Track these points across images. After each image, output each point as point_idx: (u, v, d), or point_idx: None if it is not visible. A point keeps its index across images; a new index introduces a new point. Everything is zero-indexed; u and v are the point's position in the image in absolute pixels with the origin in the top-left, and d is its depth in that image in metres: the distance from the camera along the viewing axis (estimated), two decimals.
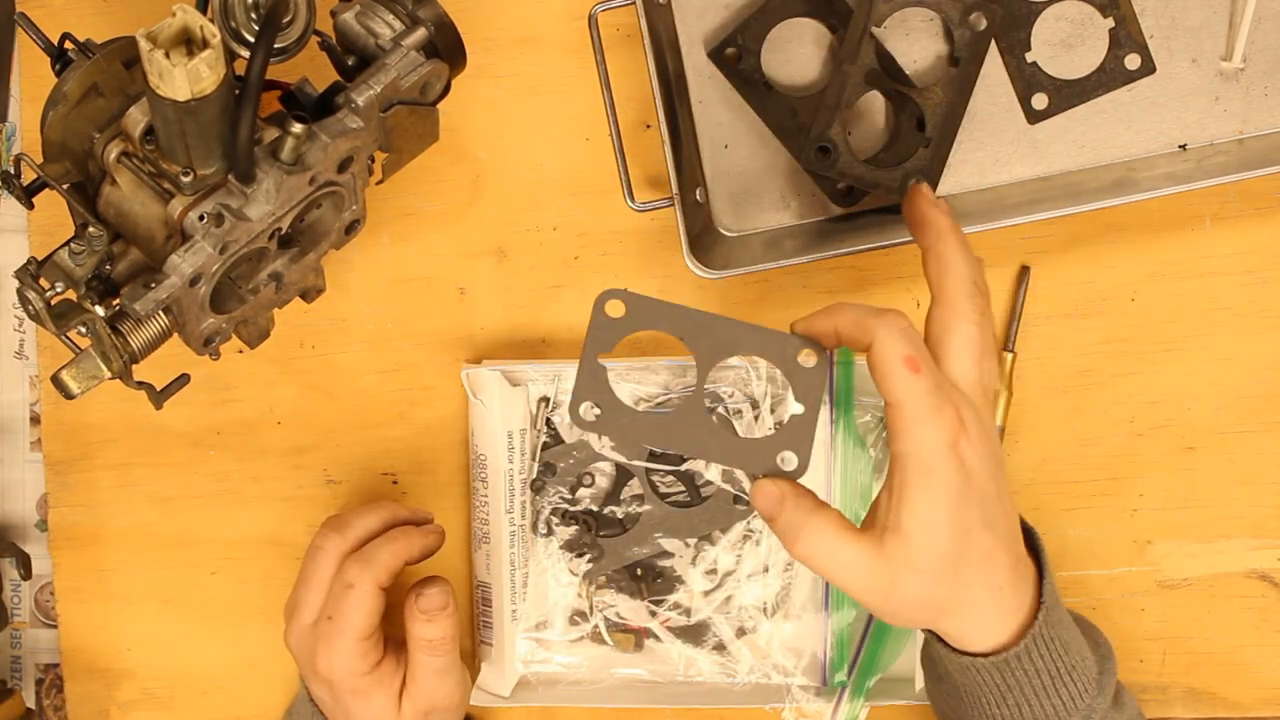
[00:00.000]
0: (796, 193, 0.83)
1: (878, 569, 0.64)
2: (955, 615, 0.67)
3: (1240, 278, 0.84)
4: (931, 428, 0.63)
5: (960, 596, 0.66)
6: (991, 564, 0.66)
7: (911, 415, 0.63)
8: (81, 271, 0.69)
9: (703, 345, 0.66)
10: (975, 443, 0.64)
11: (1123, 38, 0.81)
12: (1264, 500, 0.85)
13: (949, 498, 0.63)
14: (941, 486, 0.63)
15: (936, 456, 0.63)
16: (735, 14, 0.82)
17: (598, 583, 0.84)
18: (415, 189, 0.84)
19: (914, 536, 0.63)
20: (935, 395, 0.63)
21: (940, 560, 0.64)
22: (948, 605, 0.66)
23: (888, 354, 0.63)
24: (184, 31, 0.61)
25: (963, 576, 0.65)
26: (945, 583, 0.65)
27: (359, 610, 0.74)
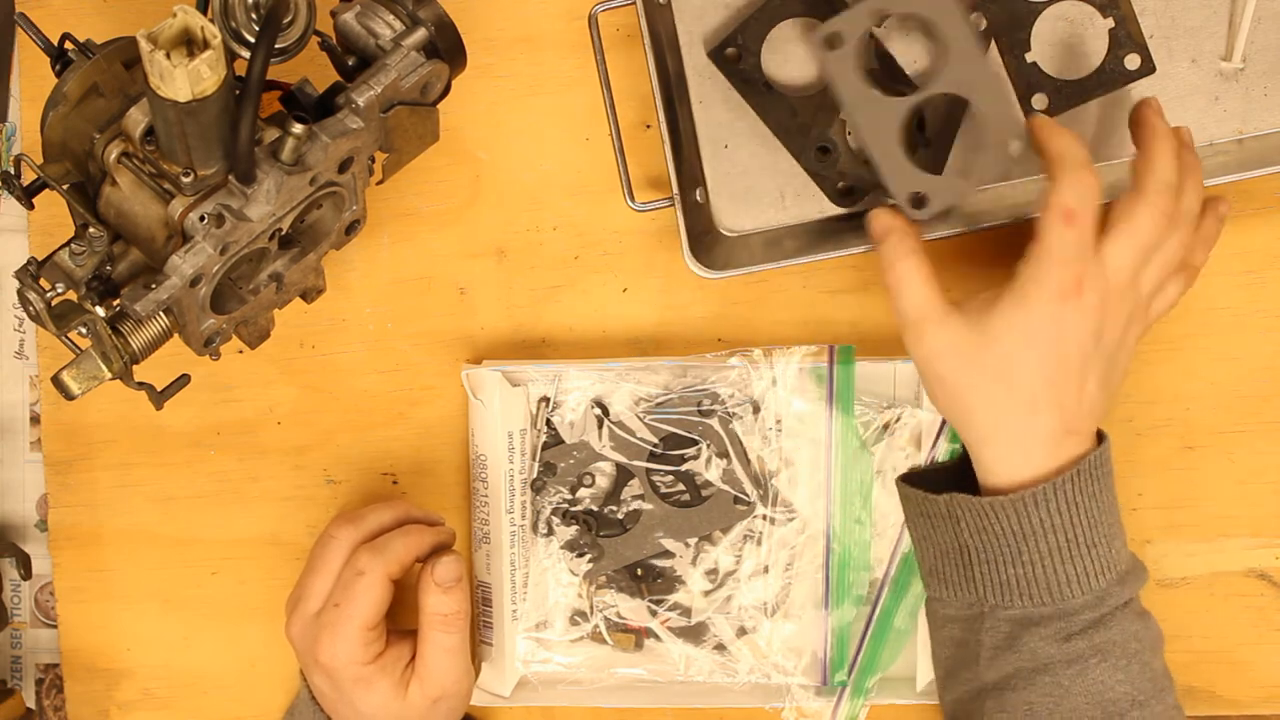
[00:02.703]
0: (796, 193, 0.83)
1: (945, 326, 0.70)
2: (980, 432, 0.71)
3: (1240, 278, 0.84)
4: (1047, 272, 0.69)
5: (990, 417, 0.70)
6: (1034, 410, 0.70)
7: (1038, 253, 0.69)
8: (82, 272, 0.69)
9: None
10: (1083, 313, 0.69)
11: (1123, 38, 0.81)
12: (1263, 499, 0.85)
13: (1023, 333, 0.69)
14: (1023, 320, 0.69)
15: (1035, 295, 0.69)
16: (735, 14, 0.82)
17: (598, 583, 0.84)
18: (415, 189, 0.84)
19: (976, 339, 0.70)
20: (1069, 251, 0.69)
21: (990, 369, 0.69)
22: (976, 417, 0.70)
23: (1052, 197, 0.69)
24: (184, 32, 0.61)
25: (1000, 400, 0.70)
26: (983, 389, 0.70)
27: (367, 597, 0.74)
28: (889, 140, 0.72)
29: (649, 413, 0.83)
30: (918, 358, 0.72)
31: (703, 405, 0.82)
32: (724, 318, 0.84)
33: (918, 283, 0.72)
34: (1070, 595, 0.71)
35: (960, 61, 0.73)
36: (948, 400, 0.72)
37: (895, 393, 0.83)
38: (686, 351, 0.84)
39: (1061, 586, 0.71)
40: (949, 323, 0.71)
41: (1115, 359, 0.72)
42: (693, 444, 0.82)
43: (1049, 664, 0.71)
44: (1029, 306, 0.69)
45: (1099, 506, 0.72)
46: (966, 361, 0.70)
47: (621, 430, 0.83)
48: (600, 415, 0.83)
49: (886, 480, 0.82)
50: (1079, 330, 0.69)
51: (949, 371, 0.71)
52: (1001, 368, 0.70)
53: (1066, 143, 0.71)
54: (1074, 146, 0.71)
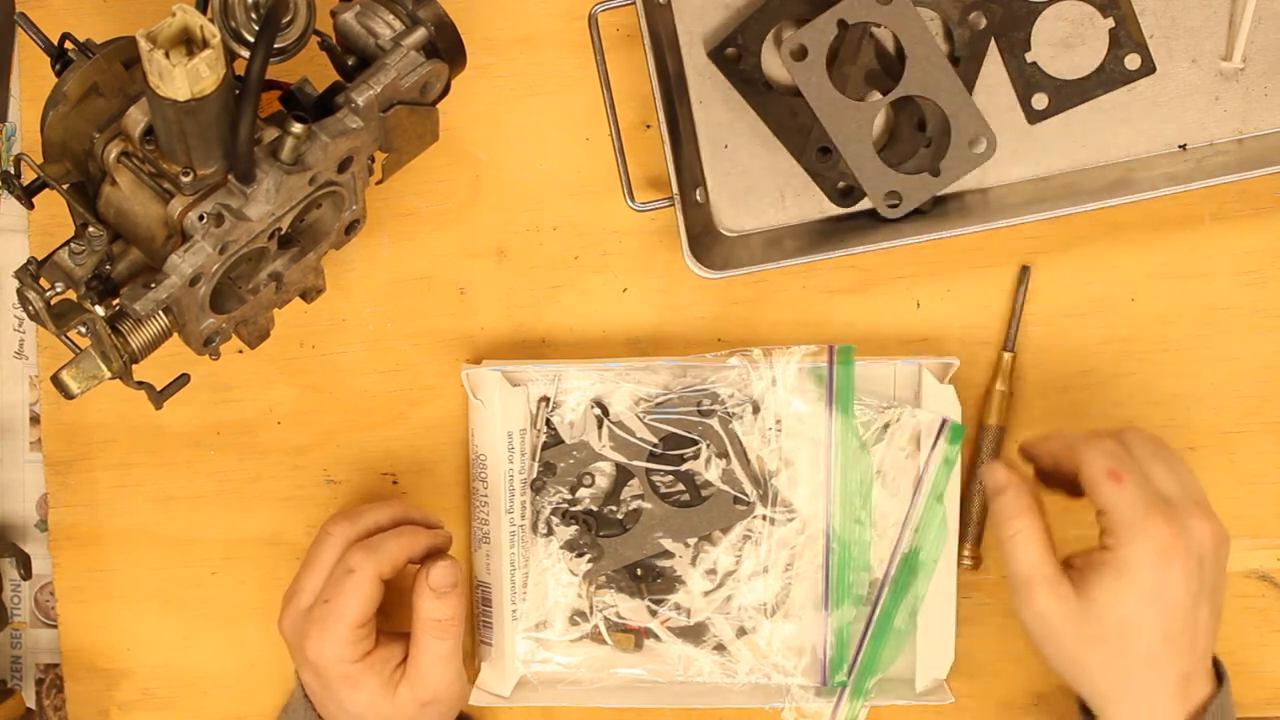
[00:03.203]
0: (796, 193, 0.83)
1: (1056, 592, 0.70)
2: (1102, 692, 0.71)
3: (1240, 278, 0.84)
4: (1136, 533, 0.70)
5: (1112, 679, 0.71)
6: (1155, 666, 0.70)
7: (1115, 521, 0.70)
8: (81, 271, 0.69)
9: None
10: (1182, 558, 0.70)
11: (1123, 38, 0.81)
12: (1264, 500, 0.85)
13: (1133, 597, 0.70)
14: (1129, 585, 0.70)
15: (1135, 558, 0.69)
16: (735, 14, 0.82)
17: (598, 583, 0.84)
18: (415, 189, 0.84)
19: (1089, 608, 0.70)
20: (1143, 505, 0.70)
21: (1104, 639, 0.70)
22: (1095, 678, 0.71)
23: (1092, 468, 0.71)
24: (184, 31, 0.61)
25: (1120, 663, 0.70)
26: (1099, 652, 0.70)
27: (356, 595, 0.74)
28: (862, 143, 0.74)
29: (649, 413, 0.82)
30: (1027, 618, 0.72)
31: (702, 405, 0.82)
32: (724, 318, 0.84)
33: (1032, 543, 0.72)
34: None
35: (921, 66, 0.75)
36: (1063, 661, 0.72)
37: (895, 393, 0.83)
38: (686, 351, 0.84)
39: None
40: (1060, 589, 0.71)
41: (1217, 591, 0.72)
42: (692, 444, 0.82)
43: None
44: (1131, 573, 0.70)
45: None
46: (1079, 628, 0.70)
47: (621, 430, 0.83)
48: (600, 415, 0.83)
49: (886, 480, 0.82)
50: (1183, 579, 0.70)
51: (1062, 635, 0.71)
52: (1115, 633, 0.70)
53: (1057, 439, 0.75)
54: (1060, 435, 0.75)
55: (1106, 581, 0.70)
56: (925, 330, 0.84)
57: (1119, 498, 0.70)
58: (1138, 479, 0.71)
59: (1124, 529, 0.70)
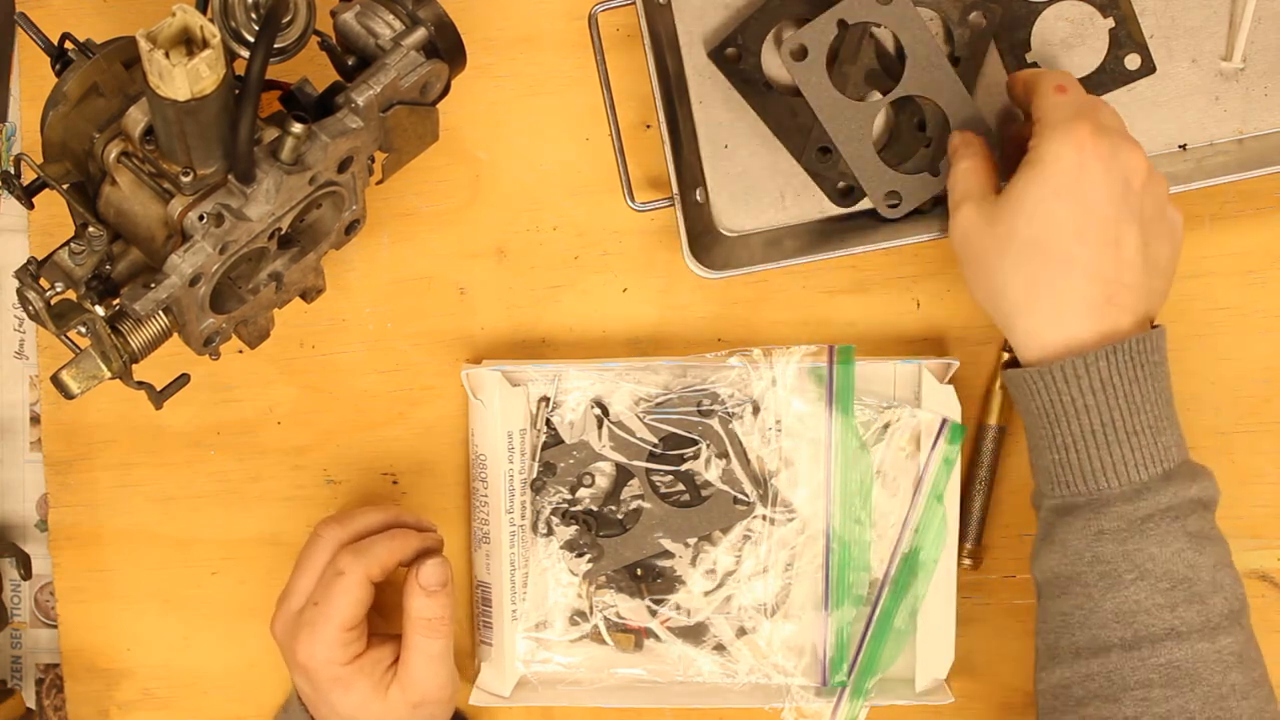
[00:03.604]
0: (796, 193, 0.83)
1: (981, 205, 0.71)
2: (1012, 303, 0.69)
3: (1240, 278, 0.84)
4: (1057, 130, 0.68)
5: (1021, 287, 0.68)
6: (1068, 274, 0.68)
7: (1044, 123, 0.69)
8: (81, 271, 0.69)
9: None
10: (1102, 160, 0.68)
11: (1123, 38, 0.81)
12: (1264, 500, 0.84)
13: (1047, 191, 0.68)
14: (1043, 178, 0.68)
15: (1051, 153, 0.68)
16: (735, 14, 0.82)
17: (598, 583, 0.84)
18: (415, 189, 0.84)
19: (1003, 206, 0.69)
20: (1069, 109, 0.69)
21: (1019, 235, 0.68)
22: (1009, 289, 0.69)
23: (1043, 79, 0.72)
24: (184, 31, 0.61)
25: (1031, 266, 0.68)
26: (1014, 257, 0.68)
27: (345, 598, 0.74)
28: (862, 143, 0.74)
29: (649, 413, 0.82)
30: (955, 239, 0.72)
31: (702, 405, 0.82)
32: (724, 318, 0.84)
33: (973, 173, 0.73)
34: (1104, 485, 0.67)
35: (921, 67, 0.75)
36: (981, 278, 0.71)
37: (895, 393, 0.83)
38: (686, 351, 0.84)
39: (1095, 474, 0.67)
40: (985, 202, 0.71)
41: (1152, 226, 0.70)
42: (692, 444, 0.82)
43: (1079, 572, 0.68)
44: (1046, 164, 0.68)
45: (1142, 393, 0.68)
46: (994, 230, 0.70)
47: (621, 430, 0.83)
48: (600, 415, 0.83)
49: (886, 480, 0.82)
50: (1102, 184, 0.68)
51: (980, 243, 0.70)
52: (1030, 231, 0.68)
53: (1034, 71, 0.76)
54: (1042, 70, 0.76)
55: (1021, 177, 0.69)
56: (925, 330, 0.84)
57: (1052, 103, 0.70)
58: (1080, 98, 0.71)
59: (1048, 129, 0.69)
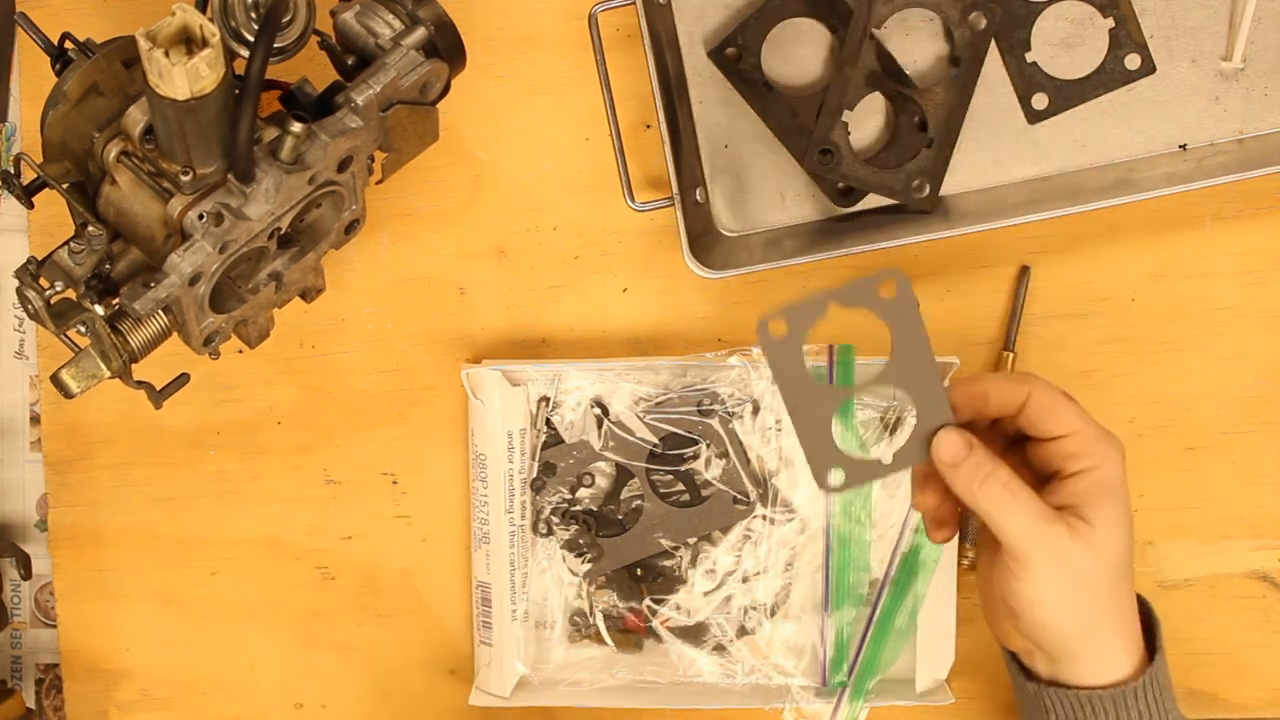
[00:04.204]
0: (796, 193, 0.83)
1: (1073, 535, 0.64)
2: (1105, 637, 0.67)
3: (1240, 278, 0.84)
4: (1110, 446, 0.66)
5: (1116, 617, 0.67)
6: (1130, 600, 0.68)
7: (1087, 439, 0.66)
8: (81, 271, 0.69)
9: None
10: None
11: (1123, 38, 0.81)
12: (1265, 500, 0.84)
13: (1128, 512, 0.66)
14: (1124, 500, 0.65)
15: (1118, 472, 0.66)
16: (735, 14, 0.82)
17: (598, 583, 0.84)
18: (415, 189, 0.84)
19: (1108, 535, 0.64)
20: (1097, 423, 0.67)
21: (1120, 567, 0.65)
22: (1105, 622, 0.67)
23: (1048, 392, 0.66)
24: (183, 30, 0.61)
25: (1124, 595, 0.67)
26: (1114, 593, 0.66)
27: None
28: (820, 425, 0.67)
29: (649, 412, 0.82)
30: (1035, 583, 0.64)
31: (703, 405, 0.82)
32: (724, 318, 0.84)
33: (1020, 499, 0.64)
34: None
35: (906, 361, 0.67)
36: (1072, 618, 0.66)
37: (895, 393, 0.82)
38: (686, 351, 0.84)
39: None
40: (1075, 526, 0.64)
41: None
42: (692, 444, 0.82)
43: None
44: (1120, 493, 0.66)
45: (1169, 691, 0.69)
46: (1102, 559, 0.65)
47: (621, 430, 0.83)
48: (600, 415, 0.83)
49: (886, 480, 0.82)
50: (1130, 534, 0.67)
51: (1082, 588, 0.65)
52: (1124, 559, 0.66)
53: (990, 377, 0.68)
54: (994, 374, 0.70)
55: (1110, 503, 0.64)
56: None
57: (1083, 417, 0.66)
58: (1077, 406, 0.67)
59: (1099, 444, 0.65)
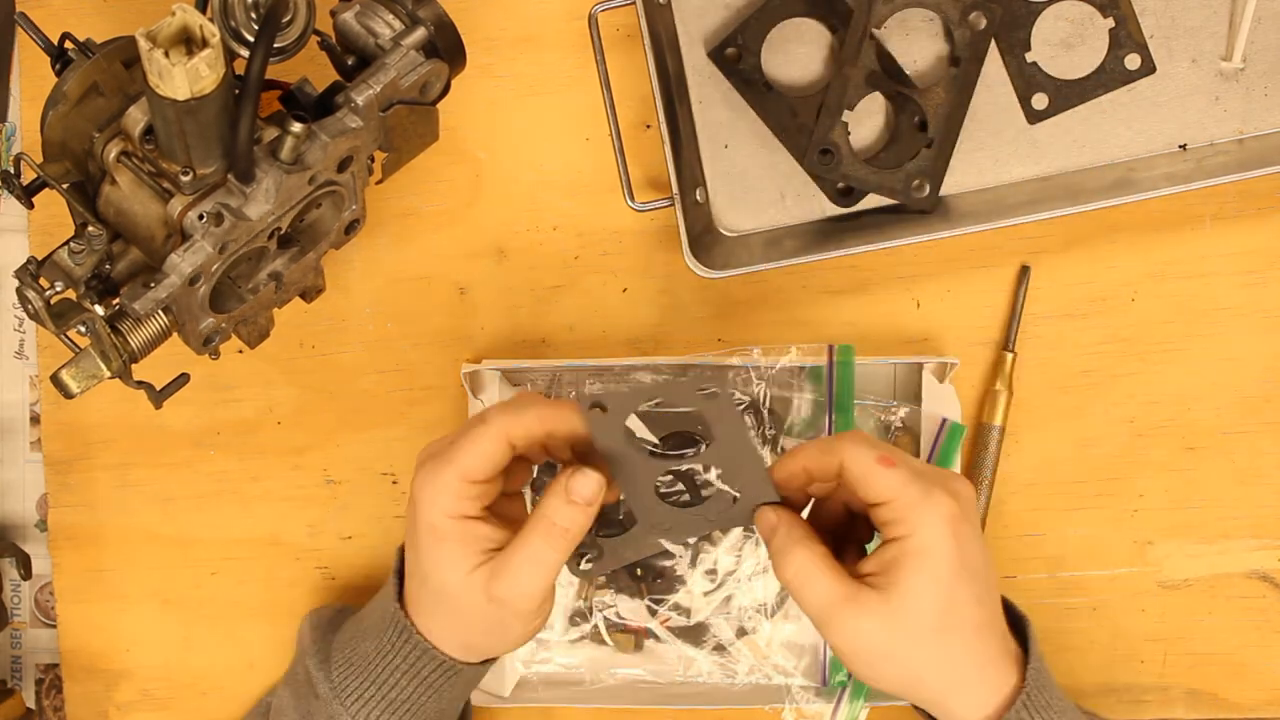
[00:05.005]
0: (796, 193, 0.83)
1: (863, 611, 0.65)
2: (939, 689, 0.67)
3: (1240, 278, 0.84)
4: (925, 511, 0.64)
5: (946, 670, 0.66)
6: (981, 638, 0.67)
7: (902, 505, 0.65)
8: (81, 271, 0.69)
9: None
10: (969, 519, 0.66)
11: (1123, 38, 0.81)
12: (1265, 500, 0.84)
13: (946, 575, 0.65)
14: (938, 565, 0.64)
15: (933, 537, 0.64)
16: (735, 14, 0.82)
17: (598, 583, 0.84)
18: (415, 189, 0.84)
19: (905, 605, 0.64)
20: (919, 483, 0.65)
21: (928, 631, 0.65)
22: (929, 677, 0.66)
23: (860, 459, 0.66)
24: (183, 31, 0.61)
25: (950, 649, 0.66)
26: (925, 651, 0.65)
27: (475, 445, 0.68)
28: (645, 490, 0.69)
29: None
30: (842, 646, 0.66)
31: None
32: (724, 318, 0.84)
33: (818, 571, 0.66)
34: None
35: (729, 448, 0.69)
36: (894, 675, 0.67)
37: (895, 393, 0.83)
38: (686, 351, 0.84)
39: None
40: (866, 602, 0.65)
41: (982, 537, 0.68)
42: (693, 444, 0.82)
43: None
44: (933, 555, 0.65)
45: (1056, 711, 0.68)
46: (900, 631, 0.65)
47: None
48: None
49: None
50: (975, 542, 0.66)
51: (886, 648, 0.66)
52: (938, 622, 0.65)
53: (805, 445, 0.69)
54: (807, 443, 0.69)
55: (913, 572, 0.65)
56: (925, 330, 0.84)
57: (896, 482, 0.65)
58: (903, 460, 0.66)
59: (912, 512, 0.65)
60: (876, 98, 0.81)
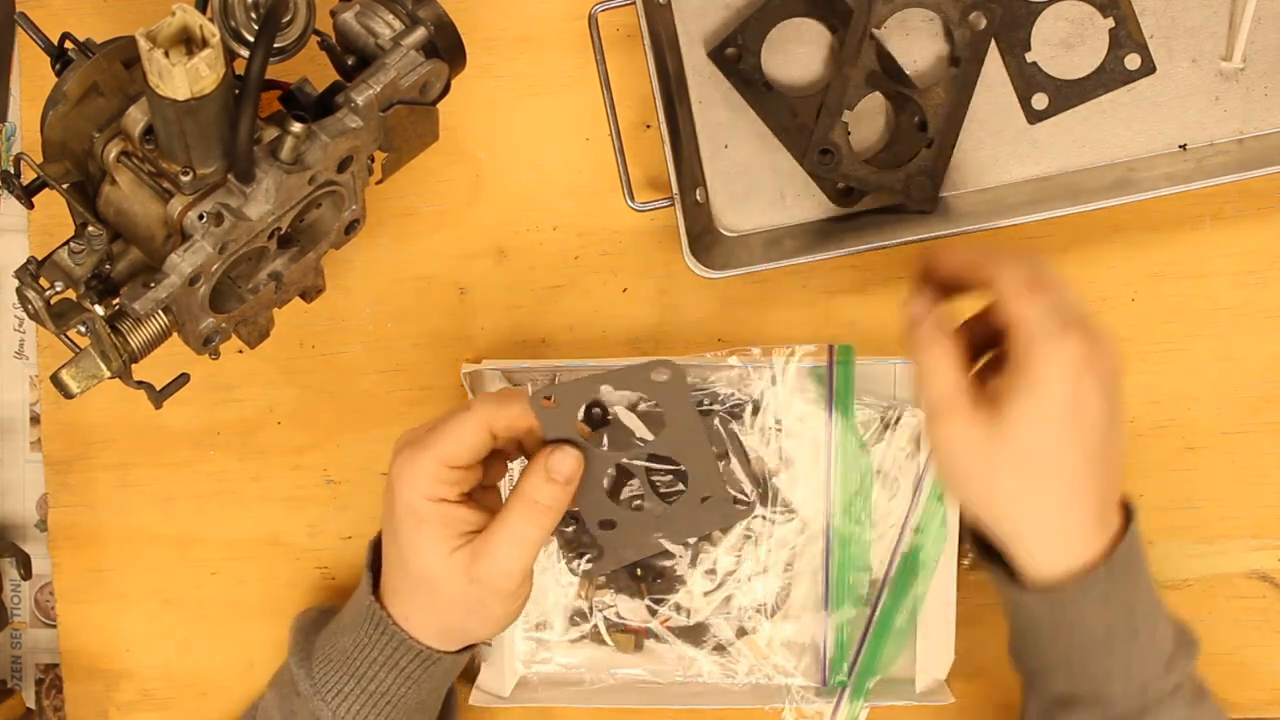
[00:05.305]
0: (796, 193, 0.83)
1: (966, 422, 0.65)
2: (1018, 527, 0.67)
3: (1240, 278, 0.84)
4: (1050, 348, 0.64)
5: (1029, 510, 0.66)
6: (1076, 492, 0.66)
7: (1032, 335, 0.64)
8: (81, 271, 0.69)
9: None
10: (1097, 372, 0.65)
11: (1123, 38, 0.81)
12: (1265, 500, 0.84)
13: (1053, 417, 0.64)
14: (1046, 404, 0.64)
15: (1050, 375, 0.64)
16: (735, 14, 0.82)
17: (598, 583, 0.84)
18: (415, 189, 0.84)
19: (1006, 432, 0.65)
20: (1057, 319, 0.64)
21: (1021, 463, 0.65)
22: (1012, 510, 0.67)
23: (1011, 279, 0.65)
24: (183, 31, 0.61)
25: (1039, 491, 0.66)
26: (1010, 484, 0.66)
27: (456, 431, 0.68)
28: (594, 482, 0.70)
29: None
30: (939, 448, 0.67)
31: (702, 405, 0.82)
32: (724, 318, 0.84)
33: (947, 370, 0.66)
34: (1108, 687, 0.68)
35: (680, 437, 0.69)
36: (976, 493, 0.68)
37: (895, 393, 0.83)
38: (686, 351, 0.84)
39: (1098, 676, 0.68)
40: (974, 414, 0.65)
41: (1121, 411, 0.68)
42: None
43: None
44: (1047, 390, 0.64)
45: (1135, 594, 0.68)
46: (993, 453, 0.65)
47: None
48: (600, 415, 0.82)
49: (886, 480, 0.82)
50: (1099, 399, 0.65)
51: (976, 463, 0.66)
52: (1034, 457, 0.65)
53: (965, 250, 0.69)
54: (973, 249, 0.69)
55: (1022, 402, 0.64)
56: None
57: (1034, 312, 0.65)
58: (1055, 295, 0.65)
59: (1039, 345, 0.64)
60: (876, 98, 0.81)
